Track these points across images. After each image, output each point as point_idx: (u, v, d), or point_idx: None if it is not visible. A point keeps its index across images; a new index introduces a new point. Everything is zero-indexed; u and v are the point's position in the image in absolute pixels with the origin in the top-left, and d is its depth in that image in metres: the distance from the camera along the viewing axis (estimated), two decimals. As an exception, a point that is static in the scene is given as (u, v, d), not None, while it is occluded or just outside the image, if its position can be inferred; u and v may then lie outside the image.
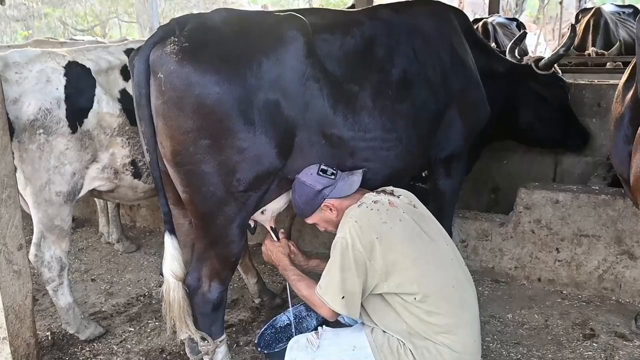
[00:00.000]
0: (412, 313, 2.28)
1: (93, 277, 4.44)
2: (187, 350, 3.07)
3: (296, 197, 2.56)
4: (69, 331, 3.44)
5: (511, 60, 4.13)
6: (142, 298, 4.04)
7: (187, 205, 2.57)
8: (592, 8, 9.00)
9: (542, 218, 3.87)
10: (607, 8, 8.65)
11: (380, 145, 2.82)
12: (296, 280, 2.56)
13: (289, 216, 4.39)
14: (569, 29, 4.12)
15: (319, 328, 2.54)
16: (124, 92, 3.27)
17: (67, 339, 3.47)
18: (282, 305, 3.72)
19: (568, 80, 4.53)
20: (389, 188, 2.58)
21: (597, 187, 3.86)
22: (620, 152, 3.04)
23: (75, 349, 3.39)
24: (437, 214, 2.66)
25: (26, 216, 3.02)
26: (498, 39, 8.45)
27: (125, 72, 3.31)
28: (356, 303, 2.30)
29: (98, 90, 3.18)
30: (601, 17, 8.37)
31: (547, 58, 4.02)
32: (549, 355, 3.18)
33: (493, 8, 10.99)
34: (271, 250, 2.77)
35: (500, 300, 3.83)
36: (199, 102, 2.31)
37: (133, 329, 3.61)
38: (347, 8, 7.38)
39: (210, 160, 2.39)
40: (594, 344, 3.27)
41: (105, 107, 3.19)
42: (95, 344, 3.43)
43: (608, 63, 6.99)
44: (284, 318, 3.14)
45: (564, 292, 3.88)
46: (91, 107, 3.15)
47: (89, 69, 3.19)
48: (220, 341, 2.83)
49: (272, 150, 2.48)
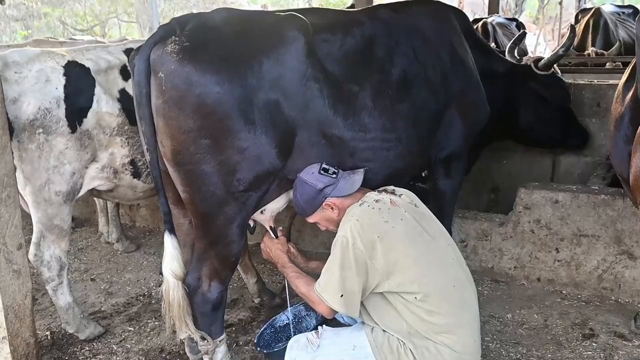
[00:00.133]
0: (413, 312, 2.28)
1: (93, 277, 4.44)
2: (187, 349, 3.07)
3: (297, 196, 2.55)
4: (69, 331, 3.43)
5: (510, 60, 4.13)
6: (142, 298, 4.04)
7: (187, 204, 2.57)
8: (592, 8, 9.00)
9: (542, 218, 3.87)
10: (607, 8, 8.66)
11: (380, 145, 2.82)
12: (295, 277, 2.56)
13: (289, 216, 4.39)
14: (569, 30, 4.12)
15: (319, 327, 2.54)
16: (123, 92, 3.27)
17: (67, 339, 3.47)
18: (282, 304, 3.71)
19: (568, 80, 4.53)
20: (390, 187, 2.58)
21: (597, 187, 3.86)
22: (620, 152, 3.04)
23: (74, 349, 3.39)
24: (437, 214, 2.66)
25: (26, 216, 3.02)
26: (498, 39, 8.45)
27: (124, 72, 3.31)
28: (355, 302, 2.30)
29: (97, 89, 3.18)
30: (601, 17, 8.38)
31: (547, 58, 4.03)
32: (549, 355, 3.18)
33: (493, 8, 11.00)
34: (270, 247, 2.77)
35: (499, 300, 3.83)
36: (200, 102, 2.31)
37: (133, 329, 3.61)
38: (347, 8, 7.38)
39: (210, 160, 2.39)
40: (594, 344, 3.27)
41: (104, 107, 3.19)
42: (94, 344, 3.43)
43: (608, 63, 6.99)
44: (284, 318, 3.14)
45: (564, 292, 3.88)
46: (90, 107, 3.15)
47: (89, 69, 3.19)
48: (220, 341, 2.83)
49: (272, 150, 2.48)
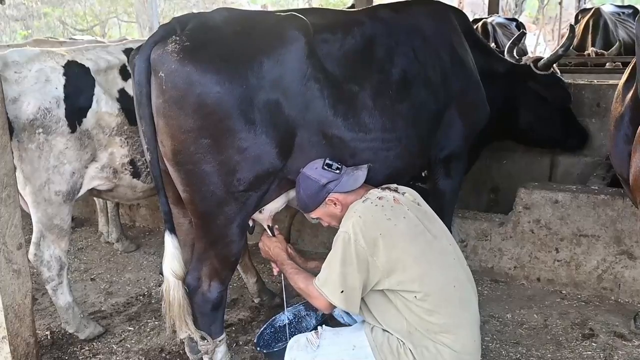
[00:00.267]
0: (412, 311, 2.28)
1: (92, 277, 4.44)
2: (187, 349, 3.07)
3: (300, 191, 2.54)
4: (69, 330, 3.43)
5: (510, 60, 4.13)
6: (142, 297, 4.04)
7: (187, 204, 2.57)
8: (592, 8, 9.01)
9: (542, 218, 3.87)
10: (607, 8, 8.66)
11: (380, 145, 2.82)
12: (293, 273, 2.56)
13: (289, 216, 4.40)
14: (568, 30, 4.12)
15: (319, 328, 2.53)
16: (123, 92, 3.27)
17: (67, 338, 3.47)
18: (282, 304, 3.70)
19: (567, 80, 4.54)
20: (394, 185, 2.57)
21: (597, 187, 3.86)
22: (619, 152, 3.04)
23: (74, 348, 3.39)
24: (437, 214, 2.65)
25: (26, 215, 3.02)
26: (497, 39, 8.46)
27: (124, 72, 3.31)
28: (355, 298, 2.29)
29: (97, 89, 3.18)
30: (601, 18, 8.38)
31: (546, 58, 4.03)
32: (548, 355, 3.19)
33: (492, 8, 11.01)
34: (269, 245, 2.76)
35: (499, 300, 3.83)
36: (200, 102, 2.31)
37: (132, 329, 3.61)
38: (347, 8, 7.39)
39: (210, 159, 2.39)
40: (593, 344, 3.27)
41: (104, 107, 3.19)
42: (94, 343, 3.43)
43: (607, 63, 7.00)
44: (284, 317, 3.15)
45: (563, 292, 3.89)
46: (90, 107, 3.15)
47: (88, 69, 3.19)
48: (219, 340, 2.83)
49: (273, 150, 2.47)
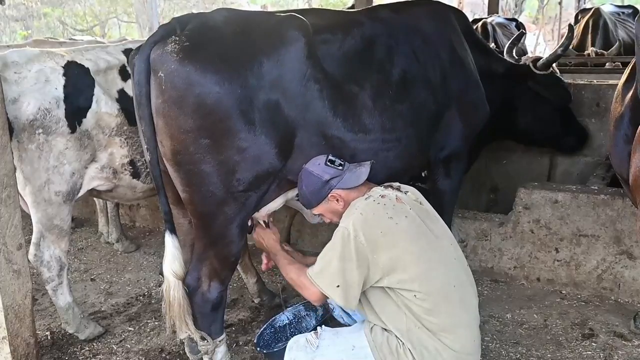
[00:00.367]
0: (412, 310, 2.28)
1: (92, 277, 4.45)
2: (187, 349, 3.07)
3: (303, 187, 2.53)
4: (69, 331, 3.44)
5: (509, 60, 4.14)
6: (142, 298, 4.04)
7: (187, 204, 2.57)
8: (592, 8, 8.99)
9: (541, 218, 3.87)
10: (607, 8, 8.65)
11: (380, 145, 2.82)
12: (286, 263, 2.56)
13: (288, 216, 4.40)
14: (567, 29, 4.12)
15: (318, 328, 2.53)
16: (122, 92, 3.28)
17: (67, 339, 3.47)
18: (282, 305, 3.72)
19: (567, 80, 4.53)
20: (396, 184, 2.57)
21: (596, 187, 3.86)
22: (619, 152, 3.04)
23: (74, 349, 3.39)
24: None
25: (26, 216, 3.02)
26: (497, 39, 8.45)
27: (123, 72, 3.31)
28: (353, 294, 2.29)
29: (97, 90, 3.18)
30: (600, 18, 8.37)
31: (545, 58, 4.03)
32: (548, 354, 3.19)
33: (492, 8, 11.01)
34: (262, 236, 2.76)
35: (499, 300, 3.83)
36: (199, 102, 2.31)
37: (132, 329, 3.61)
38: (347, 8, 7.39)
39: (210, 160, 2.39)
40: (593, 344, 3.27)
41: (103, 107, 3.19)
42: (94, 344, 3.43)
43: (607, 63, 6.99)
44: (283, 318, 3.15)
45: (563, 292, 3.89)
46: (90, 107, 3.15)
47: (88, 69, 3.19)
48: (219, 341, 2.83)
49: (272, 150, 2.47)
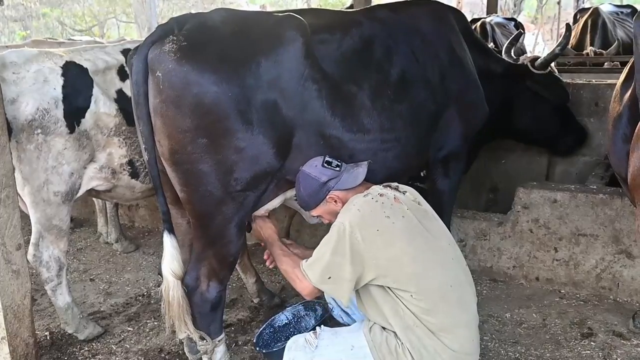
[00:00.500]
0: (410, 309, 2.28)
1: (92, 277, 4.44)
2: (186, 349, 3.07)
3: (301, 189, 2.54)
4: (68, 331, 3.43)
5: (508, 60, 4.14)
6: (141, 298, 4.04)
7: (185, 204, 2.57)
8: (590, 8, 8.99)
9: (540, 217, 3.87)
10: (605, 8, 8.65)
11: (378, 145, 2.82)
12: (281, 254, 2.56)
13: (288, 216, 4.40)
14: (565, 29, 4.13)
15: (317, 328, 2.53)
16: (121, 92, 3.27)
17: (66, 339, 3.47)
18: (281, 304, 3.72)
19: (566, 79, 4.53)
20: (394, 184, 2.57)
21: (595, 187, 3.86)
22: (618, 151, 3.04)
23: (74, 349, 3.39)
24: (436, 214, 2.66)
25: (25, 216, 3.02)
26: (496, 39, 8.45)
27: (122, 72, 3.31)
28: (344, 288, 2.28)
29: (95, 90, 3.18)
30: (599, 17, 8.37)
31: (543, 57, 4.03)
32: (547, 354, 3.19)
33: (491, 8, 11.00)
34: (261, 226, 2.77)
35: (498, 299, 3.84)
36: (197, 101, 2.31)
37: (132, 329, 3.61)
38: (346, 8, 7.39)
39: (208, 159, 2.39)
40: (592, 343, 3.27)
41: (102, 107, 3.19)
42: (94, 344, 3.43)
43: (606, 63, 6.99)
44: (283, 317, 3.15)
45: (562, 291, 3.89)
46: (88, 107, 3.15)
47: (87, 69, 3.19)
48: (219, 340, 2.83)
49: (270, 150, 2.47)
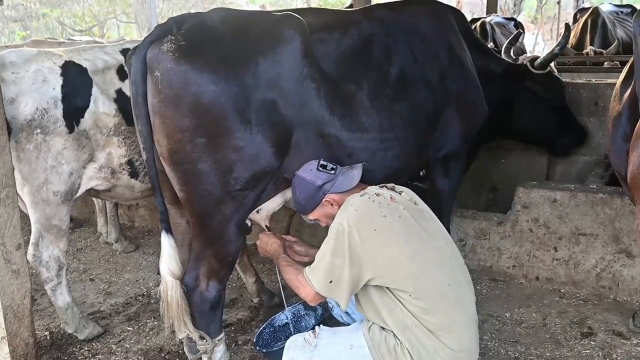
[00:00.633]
0: (409, 309, 2.28)
1: (91, 277, 4.45)
2: (186, 349, 3.07)
3: (297, 194, 2.54)
4: (68, 331, 3.44)
5: (507, 59, 4.14)
6: (141, 297, 4.04)
7: (184, 204, 2.57)
8: (590, 7, 9.00)
9: (540, 217, 3.87)
10: (605, 7, 8.65)
11: (377, 145, 2.82)
12: (286, 265, 2.56)
13: (287, 215, 4.40)
14: (564, 28, 4.13)
15: (317, 327, 2.53)
16: (120, 92, 3.28)
17: (66, 339, 3.47)
18: (281, 304, 3.71)
19: (566, 79, 4.53)
20: (390, 184, 2.56)
21: (595, 186, 3.86)
22: (618, 151, 3.04)
23: (73, 349, 3.39)
24: (435, 213, 2.64)
25: (24, 216, 3.02)
26: (496, 39, 8.45)
27: (121, 72, 3.32)
28: (344, 290, 2.28)
29: (94, 90, 3.18)
30: (599, 17, 8.37)
31: (543, 57, 4.03)
32: (547, 353, 3.19)
33: (491, 8, 11.01)
34: (266, 242, 2.77)
35: (498, 299, 3.83)
36: (196, 101, 2.31)
37: (132, 329, 3.61)
38: (345, 8, 7.38)
39: (206, 158, 2.39)
40: (592, 342, 3.27)
41: (101, 107, 3.19)
42: (93, 344, 3.43)
43: (606, 62, 6.99)
44: (283, 317, 3.15)
45: (562, 291, 3.89)
46: (88, 107, 3.15)
47: (86, 69, 3.20)
48: (218, 340, 2.83)
49: (269, 149, 2.48)
